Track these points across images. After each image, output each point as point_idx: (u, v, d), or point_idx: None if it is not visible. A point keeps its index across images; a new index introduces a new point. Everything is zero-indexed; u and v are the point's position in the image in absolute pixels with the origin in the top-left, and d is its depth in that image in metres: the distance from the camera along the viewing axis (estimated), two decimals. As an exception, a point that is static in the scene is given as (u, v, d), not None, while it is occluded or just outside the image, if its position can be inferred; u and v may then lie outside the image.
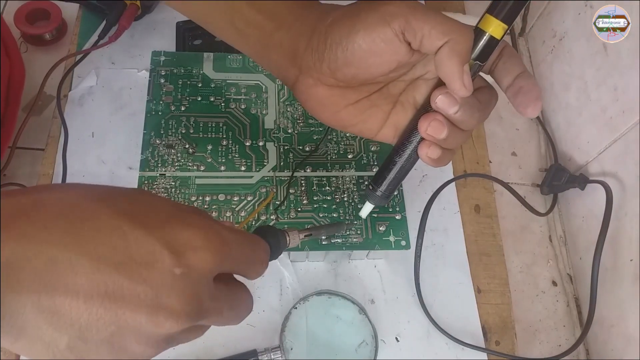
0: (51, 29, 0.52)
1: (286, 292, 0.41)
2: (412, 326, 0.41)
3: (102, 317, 0.20)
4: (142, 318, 0.21)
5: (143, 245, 0.21)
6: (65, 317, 0.20)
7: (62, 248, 0.20)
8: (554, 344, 0.44)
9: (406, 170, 0.32)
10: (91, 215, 0.21)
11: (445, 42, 0.26)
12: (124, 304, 0.20)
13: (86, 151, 0.44)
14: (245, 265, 0.26)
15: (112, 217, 0.22)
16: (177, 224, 0.23)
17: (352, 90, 0.30)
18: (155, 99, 0.44)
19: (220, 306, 0.24)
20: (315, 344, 0.39)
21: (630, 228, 0.40)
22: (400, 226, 0.41)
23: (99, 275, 0.20)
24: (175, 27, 0.51)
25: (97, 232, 0.21)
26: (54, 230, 0.20)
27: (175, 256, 0.22)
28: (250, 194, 0.41)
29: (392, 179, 0.32)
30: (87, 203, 0.22)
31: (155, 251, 0.21)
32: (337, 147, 0.44)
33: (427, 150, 0.29)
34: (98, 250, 0.21)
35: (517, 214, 0.49)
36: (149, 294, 0.21)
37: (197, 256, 0.22)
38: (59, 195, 0.22)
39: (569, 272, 0.47)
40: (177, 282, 0.21)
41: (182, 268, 0.22)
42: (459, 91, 0.27)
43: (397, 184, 0.32)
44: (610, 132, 0.43)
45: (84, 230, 0.21)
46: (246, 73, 0.47)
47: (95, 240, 0.21)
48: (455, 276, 0.44)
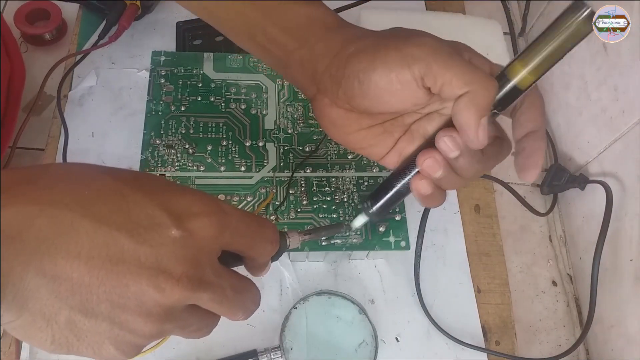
0: (51, 29, 0.52)
1: (286, 292, 0.41)
2: (412, 326, 0.41)
3: (104, 281, 0.20)
4: (142, 281, 0.21)
5: (143, 208, 0.22)
6: (67, 282, 0.20)
7: (64, 208, 0.20)
8: (554, 344, 0.44)
9: (402, 195, 0.31)
10: (93, 180, 0.22)
11: (465, 92, 0.25)
12: (125, 266, 0.20)
13: (86, 151, 0.44)
14: (251, 241, 0.25)
15: (113, 181, 0.22)
16: (177, 191, 0.23)
17: (367, 117, 0.30)
18: (155, 99, 0.44)
19: (223, 284, 0.23)
20: (315, 344, 0.39)
21: (630, 228, 0.40)
22: (400, 227, 0.41)
23: (100, 236, 0.20)
24: (175, 27, 0.51)
25: (98, 195, 0.21)
26: (56, 192, 0.21)
27: (175, 220, 0.22)
28: (250, 194, 0.41)
29: (386, 200, 0.31)
30: (89, 170, 0.23)
31: (155, 215, 0.22)
32: (337, 148, 0.44)
33: (419, 183, 0.29)
34: (99, 211, 0.21)
35: (517, 214, 0.49)
36: (150, 255, 0.21)
37: (197, 221, 0.22)
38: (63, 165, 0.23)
39: (569, 272, 0.47)
40: (178, 245, 0.22)
41: (181, 231, 0.22)
42: (471, 143, 0.26)
43: (391, 206, 0.32)
44: (610, 132, 0.43)
45: (85, 192, 0.21)
46: (246, 73, 0.47)
47: (97, 202, 0.21)
48: (455, 276, 0.44)
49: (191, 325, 0.24)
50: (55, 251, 0.20)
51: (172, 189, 0.23)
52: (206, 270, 0.22)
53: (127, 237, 0.21)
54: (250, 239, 0.25)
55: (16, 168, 0.22)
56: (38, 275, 0.20)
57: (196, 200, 0.23)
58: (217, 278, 0.23)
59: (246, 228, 0.25)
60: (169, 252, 0.21)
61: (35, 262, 0.19)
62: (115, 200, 0.21)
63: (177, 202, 0.22)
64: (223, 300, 0.23)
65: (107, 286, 0.20)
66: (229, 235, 0.24)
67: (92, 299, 0.20)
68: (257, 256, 0.26)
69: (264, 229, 0.26)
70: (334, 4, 0.32)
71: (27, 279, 0.19)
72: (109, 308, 0.21)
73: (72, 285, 0.20)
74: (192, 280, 0.22)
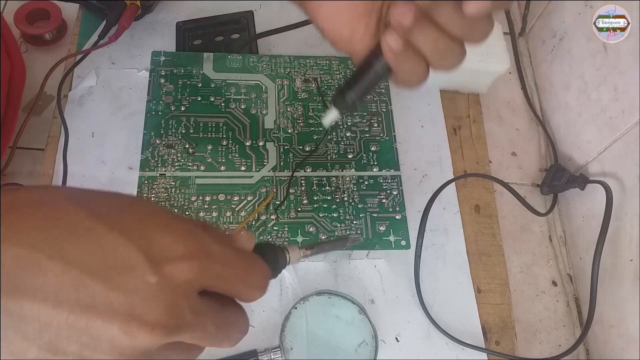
0: (51, 29, 0.52)
1: (286, 292, 0.41)
2: (412, 326, 0.41)
3: (73, 325, 0.19)
4: (114, 328, 0.19)
5: (118, 249, 0.20)
6: (33, 324, 0.19)
7: (31, 248, 0.19)
8: (554, 344, 0.44)
9: (380, 75, 0.29)
10: (65, 216, 0.20)
11: None
12: (95, 312, 0.19)
13: (86, 151, 0.44)
14: (235, 287, 0.24)
15: (87, 218, 0.20)
16: (158, 229, 0.21)
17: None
18: (155, 99, 0.44)
19: (204, 322, 0.22)
20: (315, 344, 0.39)
21: (630, 228, 0.40)
22: (400, 226, 0.41)
23: (70, 280, 0.19)
24: (175, 27, 0.51)
25: (69, 234, 0.20)
26: (23, 229, 0.19)
27: (152, 264, 0.20)
28: (250, 193, 0.41)
29: (363, 82, 0.29)
30: (63, 203, 0.21)
31: (131, 257, 0.20)
32: (337, 147, 0.44)
33: (389, 37, 0.26)
34: (70, 253, 0.19)
35: (517, 214, 0.48)
36: (122, 302, 0.20)
37: (175, 266, 0.21)
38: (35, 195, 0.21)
39: (569, 272, 0.47)
40: (153, 291, 0.20)
41: (158, 277, 0.20)
42: None
43: (367, 91, 0.30)
44: (610, 132, 0.43)
45: (56, 231, 0.20)
46: (246, 73, 0.47)
47: (68, 243, 0.20)
48: (455, 276, 0.44)
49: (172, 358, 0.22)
50: (21, 294, 0.18)
51: (155, 226, 0.21)
52: (184, 313, 0.21)
53: (99, 282, 0.19)
54: (233, 285, 0.24)
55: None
56: (3, 316, 0.18)
57: (178, 241, 0.21)
58: (197, 317, 0.22)
59: (230, 273, 0.23)
60: (142, 298, 0.20)
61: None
62: (87, 240, 0.20)
63: (156, 243, 0.21)
64: (204, 336, 0.22)
65: (76, 329, 0.19)
66: (210, 280, 0.22)
67: (61, 340, 0.19)
68: (241, 299, 0.25)
69: (252, 275, 0.25)
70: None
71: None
72: (79, 348, 0.19)
73: (39, 327, 0.19)
74: (168, 327, 0.20)
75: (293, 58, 0.48)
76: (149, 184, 0.41)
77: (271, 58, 0.48)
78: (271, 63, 0.47)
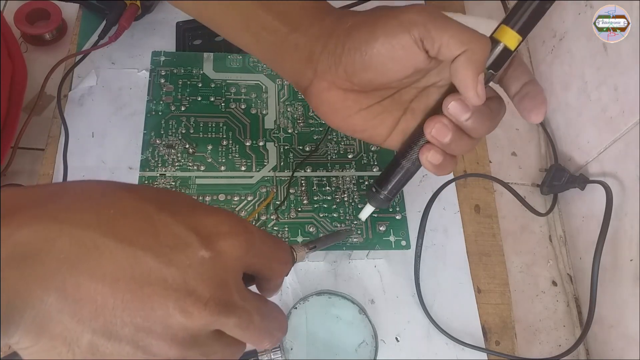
0: (51, 29, 0.52)
1: (286, 292, 0.41)
2: (412, 326, 0.41)
3: (128, 304, 0.19)
4: (169, 304, 0.20)
5: (170, 228, 0.21)
6: (90, 305, 0.19)
7: (86, 228, 0.19)
8: (554, 344, 0.44)
9: (411, 173, 0.31)
10: (117, 199, 0.21)
11: (462, 52, 0.26)
12: (150, 289, 0.20)
13: (86, 151, 0.44)
14: (270, 262, 0.25)
15: (138, 200, 0.21)
16: (202, 211, 0.23)
17: (365, 96, 0.30)
18: (156, 99, 0.44)
19: (249, 308, 0.23)
20: (315, 344, 0.39)
21: (630, 228, 0.40)
22: (400, 226, 0.41)
23: (125, 257, 0.19)
24: (175, 27, 0.51)
25: (123, 215, 0.21)
26: (78, 212, 0.20)
27: (204, 240, 0.21)
28: (251, 194, 0.41)
29: (396, 181, 0.31)
30: (112, 189, 0.22)
31: (183, 235, 0.21)
32: (337, 147, 0.44)
33: (427, 154, 0.29)
34: (124, 231, 0.20)
35: (517, 214, 0.49)
36: (177, 277, 0.20)
37: (225, 242, 0.22)
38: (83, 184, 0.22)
39: (569, 272, 0.47)
40: (206, 266, 0.21)
41: (210, 252, 0.21)
42: (472, 99, 0.27)
43: (400, 187, 0.32)
44: (610, 132, 0.43)
45: (109, 212, 0.20)
46: (246, 73, 0.47)
47: (121, 222, 0.20)
48: (455, 276, 0.44)
49: (215, 353, 0.23)
50: (78, 273, 0.19)
51: (198, 209, 0.23)
52: (233, 293, 0.22)
53: (153, 258, 0.20)
54: (269, 260, 0.25)
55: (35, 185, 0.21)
56: (60, 298, 0.19)
57: (223, 220, 0.22)
58: (243, 301, 0.22)
59: (267, 249, 0.25)
60: (196, 273, 0.20)
61: (56, 284, 0.19)
62: (140, 219, 0.21)
63: (204, 222, 0.22)
64: (249, 325, 0.23)
65: (131, 309, 0.19)
66: (252, 256, 0.23)
67: (115, 322, 0.19)
68: (273, 277, 0.26)
69: (281, 250, 0.26)
70: (334, 4, 0.32)
71: (47, 301, 0.19)
72: (133, 331, 0.20)
73: (95, 308, 0.19)
74: (220, 304, 0.21)
75: (293, 58, 0.48)
76: (149, 184, 0.41)
77: (271, 58, 0.48)
78: (271, 63, 0.47)
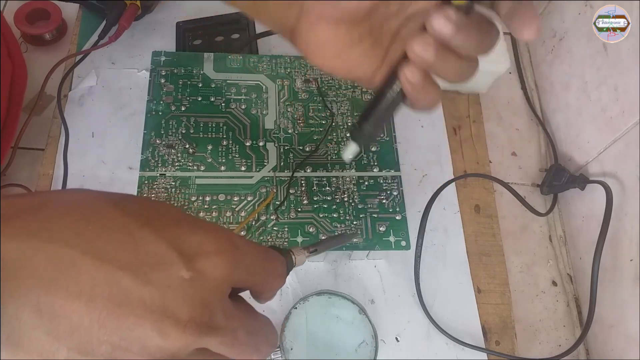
0: (51, 29, 0.52)
1: (286, 292, 0.41)
2: (412, 326, 0.41)
3: (105, 323, 0.19)
4: (146, 325, 0.19)
5: (151, 246, 0.20)
6: (65, 323, 0.19)
7: (64, 245, 0.19)
8: (554, 344, 0.45)
9: (395, 103, 0.29)
10: (97, 214, 0.20)
11: None
12: (128, 309, 0.19)
13: (86, 151, 0.44)
14: (261, 277, 0.24)
15: (119, 216, 0.21)
16: (188, 227, 0.22)
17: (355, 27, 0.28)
18: (156, 99, 0.44)
19: (234, 326, 0.22)
20: (315, 344, 0.39)
21: (630, 228, 0.40)
22: (400, 226, 0.41)
23: (103, 275, 0.19)
24: (175, 27, 0.51)
25: (102, 230, 0.20)
26: (56, 228, 0.19)
27: (185, 259, 0.20)
28: (251, 194, 0.41)
29: (379, 111, 0.29)
30: (94, 202, 0.21)
31: (164, 253, 0.20)
32: (337, 148, 0.44)
33: (406, 71, 0.26)
34: (103, 249, 0.19)
35: (517, 214, 0.49)
36: (155, 298, 0.19)
37: (209, 261, 0.21)
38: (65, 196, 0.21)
39: (569, 272, 0.47)
40: (186, 287, 0.20)
41: (191, 272, 0.20)
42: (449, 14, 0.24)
43: (384, 120, 0.30)
44: (610, 132, 0.43)
45: (88, 228, 0.20)
46: (246, 73, 0.47)
47: (101, 239, 0.20)
48: (455, 276, 0.44)
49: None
50: (54, 290, 0.18)
51: (184, 224, 0.22)
52: (216, 313, 0.21)
53: (132, 278, 0.19)
54: (260, 275, 0.24)
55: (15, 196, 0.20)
56: (34, 316, 0.18)
57: (208, 237, 0.22)
58: (228, 320, 0.21)
59: (258, 265, 0.24)
60: (176, 294, 0.20)
61: (31, 301, 0.18)
62: (120, 236, 0.20)
63: (187, 240, 0.21)
64: (234, 343, 0.22)
65: (108, 328, 0.19)
66: (240, 274, 0.22)
67: (92, 341, 0.19)
68: (265, 292, 0.25)
69: (274, 264, 0.25)
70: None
71: (22, 318, 0.18)
72: (109, 350, 0.19)
73: (70, 326, 0.19)
74: (200, 326, 0.20)
75: (293, 58, 0.48)
76: (149, 184, 0.41)
77: (271, 58, 0.48)
78: (271, 63, 0.47)
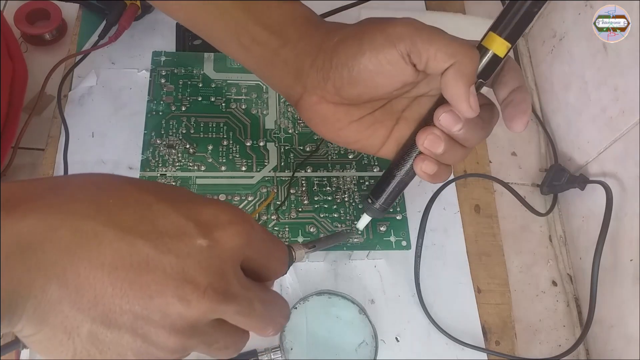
0: (51, 29, 0.52)
1: (286, 292, 0.41)
2: (412, 326, 0.41)
3: (127, 292, 0.20)
4: (167, 292, 0.20)
5: (169, 218, 0.21)
6: (89, 293, 0.19)
7: (86, 218, 0.20)
8: (554, 344, 0.45)
9: (405, 183, 0.31)
10: (117, 190, 0.22)
11: (451, 65, 0.26)
12: (149, 277, 0.20)
13: (86, 151, 0.44)
14: (267, 260, 0.25)
15: (137, 191, 0.22)
16: (202, 202, 0.23)
17: (356, 108, 0.30)
18: (156, 99, 0.44)
19: (250, 296, 0.23)
20: (315, 344, 0.39)
21: (630, 228, 0.40)
22: (400, 226, 0.41)
23: (124, 245, 0.20)
24: (175, 27, 0.51)
25: (122, 204, 0.21)
26: (78, 202, 0.20)
27: (202, 229, 0.21)
28: (251, 194, 0.41)
29: (390, 192, 0.32)
30: (113, 181, 0.22)
31: (181, 224, 0.21)
32: (338, 148, 0.44)
33: (421, 164, 0.29)
34: (123, 220, 0.20)
35: (517, 214, 0.49)
36: (175, 265, 0.20)
37: (224, 231, 0.22)
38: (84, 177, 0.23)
39: (569, 272, 0.47)
40: (204, 255, 0.21)
41: (208, 240, 0.21)
42: (465, 112, 0.27)
43: (395, 197, 0.32)
44: (610, 132, 0.43)
45: (109, 201, 0.21)
46: (247, 73, 0.47)
47: (121, 212, 0.21)
48: (455, 276, 0.44)
49: (217, 342, 0.23)
50: (78, 261, 0.19)
51: (198, 200, 0.23)
52: (232, 281, 0.22)
53: (152, 247, 0.20)
54: (266, 258, 0.25)
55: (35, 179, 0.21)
56: (60, 287, 0.19)
57: (222, 210, 0.23)
58: (244, 290, 0.22)
59: (265, 246, 0.25)
60: (195, 262, 0.21)
61: (57, 273, 0.19)
62: (139, 209, 0.21)
63: (203, 212, 0.22)
64: (251, 313, 0.23)
65: (130, 297, 0.20)
66: (251, 249, 0.23)
67: (115, 310, 0.20)
68: (269, 276, 0.25)
69: (280, 248, 0.26)
70: (334, 4, 0.32)
71: (49, 291, 0.19)
72: (132, 320, 0.20)
73: (94, 297, 0.19)
74: (218, 292, 0.21)
75: (293, 58, 0.48)
76: (149, 184, 0.41)
77: (271, 58, 0.48)
78: (271, 63, 0.47)
